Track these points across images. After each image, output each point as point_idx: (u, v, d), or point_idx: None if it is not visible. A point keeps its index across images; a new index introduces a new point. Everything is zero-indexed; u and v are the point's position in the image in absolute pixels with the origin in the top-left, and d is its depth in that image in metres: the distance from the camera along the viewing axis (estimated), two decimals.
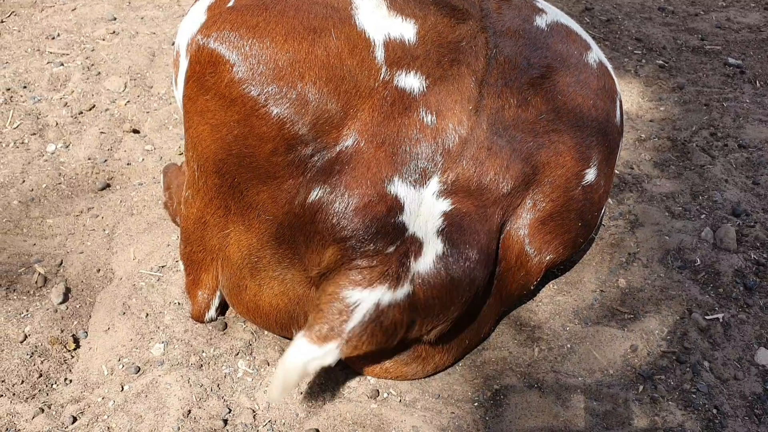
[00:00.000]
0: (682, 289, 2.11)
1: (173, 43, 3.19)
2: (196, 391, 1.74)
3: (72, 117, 2.69)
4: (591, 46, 1.94)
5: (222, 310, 1.93)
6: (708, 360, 1.91)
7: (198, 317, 1.90)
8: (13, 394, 1.70)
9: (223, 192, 1.66)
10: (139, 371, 1.79)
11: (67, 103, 2.76)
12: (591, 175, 1.79)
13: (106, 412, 1.69)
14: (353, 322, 1.50)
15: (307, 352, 1.50)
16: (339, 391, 1.79)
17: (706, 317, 2.03)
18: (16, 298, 1.97)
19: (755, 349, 1.94)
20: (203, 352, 1.85)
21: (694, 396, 1.82)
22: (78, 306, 1.97)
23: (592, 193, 1.81)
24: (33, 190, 2.35)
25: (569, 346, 1.94)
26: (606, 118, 1.84)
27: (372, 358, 1.77)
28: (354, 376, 1.83)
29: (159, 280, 2.05)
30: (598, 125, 1.81)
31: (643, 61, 3.36)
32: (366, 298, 1.51)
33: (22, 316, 1.92)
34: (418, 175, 1.56)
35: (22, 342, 1.83)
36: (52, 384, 1.76)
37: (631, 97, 3.08)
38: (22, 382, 1.73)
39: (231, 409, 1.72)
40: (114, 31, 3.26)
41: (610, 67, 1.99)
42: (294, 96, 1.50)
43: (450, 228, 1.57)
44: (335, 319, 1.51)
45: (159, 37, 3.27)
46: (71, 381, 1.77)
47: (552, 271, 2.15)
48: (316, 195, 1.52)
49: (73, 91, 2.83)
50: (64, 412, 1.68)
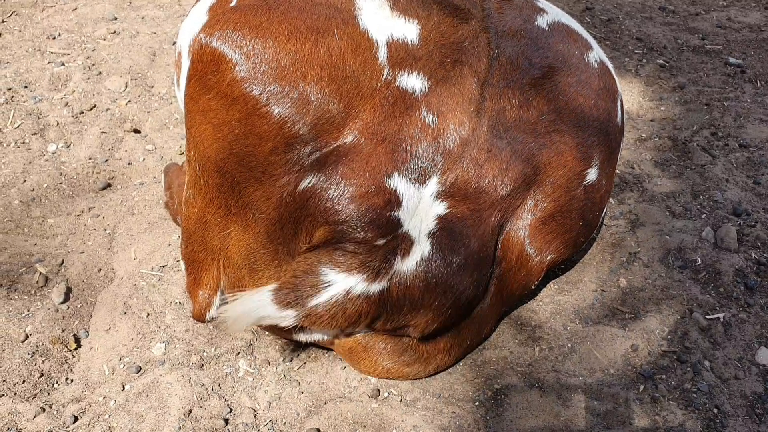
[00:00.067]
0: (683, 289, 2.11)
1: (174, 43, 3.20)
2: (197, 391, 1.74)
3: (73, 117, 2.69)
4: (592, 45, 1.95)
5: None
6: (709, 359, 1.91)
7: (199, 317, 1.89)
8: (15, 394, 1.70)
9: (224, 191, 1.66)
10: (140, 371, 1.80)
11: (68, 102, 2.76)
12: (592, 174, 1.79)
13: (107, 412, 1.69)
14: (319, 300, 1.54)
15: (266, 308, 1.55)
16: (340, 391, 1.79)
17: (707, 317, 2.03)
18: (17, 297, 1.97)
19: (756, 349, 1.94)
20: (204, 351, 1.85)
21: (695, 395, 1.82)
22: (79, 305, 1.97)
23: (593, 193, 1.81)
24: (34, 189, 2.35)
25: (570, 345, 1.94)
26: (607, 118, 1.84)
27: (372, 359, 1.77)
28: (355, 376, 1.83)
29: (160, 280, 2.05)
30: (599, 125, 1.81)
31: (644, 60, 3.36)
32: (340, 281, 1.53)
33: (24, 315, 1.92)
34: (418, 173, 1.56)
35: (23, 341, 1.83)
36: (54, 383, 1.76)
37: (631, 96, 3.08)
38: (24, 381, 1.73)
39: (232, 409, 1.72)
40: (115, 31, 3.26)
41: (611, 66, 1.99)
42: (296, 96, 1.50)
43: (441, 232, 1.58)
44: (304, 291, 1.54)
45: (160, 37, 3.26)
46: (72, 380, 1.77)
47: (553, 271, 2.15)
48: (309, 182, 1.53)
49: (74, 91, 2.83)
50: (65, 411, 1.68)
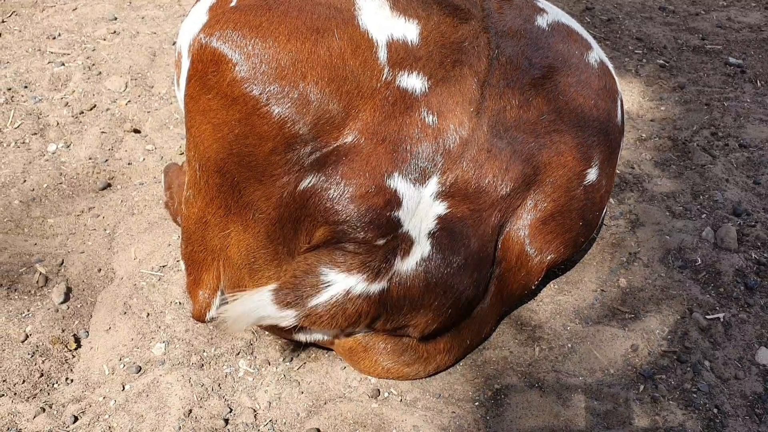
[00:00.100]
0: (683, 289, 2.11)
1: (174, 43, 3.20)
2: (197, 391, 1.74)
3: (73, 117, 2.69)
4: (592, 45, 1.94)
5: None
6: (709, 359, 1.91)
7: (199, 317, 1.89)
8: (15, 394, 1.70)
9: (224, 191, 1.66)
10: (140, 371, 1.80)
11: (68, 102, 2.76)
12: (592, 174, 1.79)
13: (107, 412, 1.69)
14: (319, 300, 1.54)
15: (266, 308, 1.55)
16: (340, 391, 1.79)
17: (707, 317, 2.03)
18: (17, 297, 1.97)
19: (756, 349, 1.94)
20: (204, 351, 1.85)
21: (695, 395, 1.82)
22: (79, 305, 1.97)
23: (593, 193, 1.81)
24: (34, 189, 2.35)
25: (570, 345, 1.94)
26: (607, 118, 1.84)
27: (372, 359, 1.77)
28: (355, 376, 1.83)
29: (160, 280, 2.05)
30: (599, 125, 1.81)
31: (644, 60, 3.36)
32: (340, 281, 1.53)
33: (24, 315, 1.92)
34: (418, 173, 1.56)
35: (23, 342, 1.83)
36: (54, 383, 1.76)
37: (631, 96, 3.08)
38: (24, 381, 1.73)
39: (232, 409, 1.72)
40: (115, 31, 3.26)
41: (611, 66, 1.99)
42: (296, 96, 1.50)
43: (441, 232, 1.58)
44: (304, 291, 1.54)
45: (160, 37, 3.26)
46: (72, 380, 1.77)
47: (553, 271, 2.15)
48: (309, 182, 1.53)
49: (74, 91, 2.83)
50: (65, 411, 1.68)
